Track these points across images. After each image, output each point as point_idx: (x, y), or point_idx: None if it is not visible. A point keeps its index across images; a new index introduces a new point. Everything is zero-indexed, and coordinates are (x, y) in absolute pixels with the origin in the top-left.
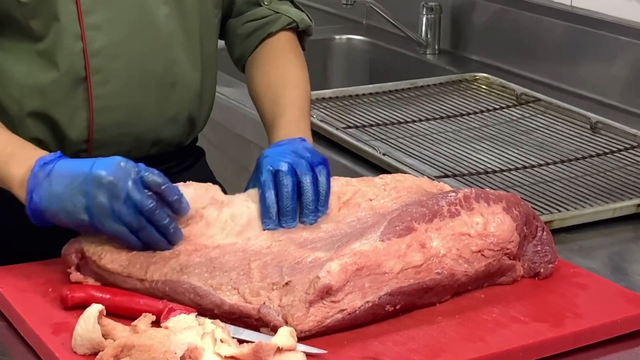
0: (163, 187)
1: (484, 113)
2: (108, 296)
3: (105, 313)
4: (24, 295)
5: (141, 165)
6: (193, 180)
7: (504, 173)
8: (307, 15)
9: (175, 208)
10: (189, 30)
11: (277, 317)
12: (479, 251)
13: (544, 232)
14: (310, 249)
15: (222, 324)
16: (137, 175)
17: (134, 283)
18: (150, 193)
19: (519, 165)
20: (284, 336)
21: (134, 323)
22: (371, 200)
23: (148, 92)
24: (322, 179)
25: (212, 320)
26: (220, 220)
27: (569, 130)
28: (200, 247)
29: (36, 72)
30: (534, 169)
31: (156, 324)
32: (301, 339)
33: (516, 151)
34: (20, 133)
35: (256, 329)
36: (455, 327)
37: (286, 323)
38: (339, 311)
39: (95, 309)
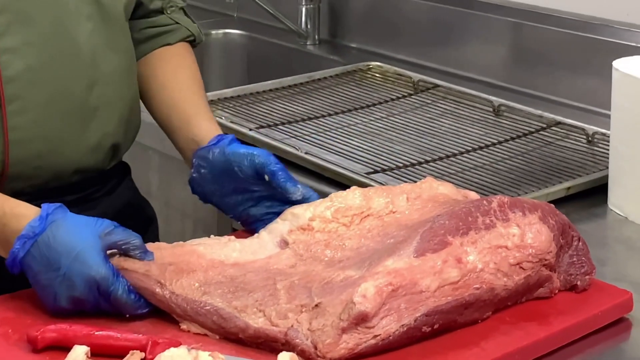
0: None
1: (388, 103)
2: (83, 332)
3: (90, 354)
4: None
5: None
6: (117, 203)
7: (430, 164)
8: (199, 28)
9: None
10: (114, 46)
11: (305, 342)
12: (518, 264)
13: (580, 242)
14: (339, 268)
15: (222, 356)
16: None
17: (152, 285)
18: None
19: (442, 155)
20: None
21: None
22: (394, 212)
23: (69, 118)
24: None
25: (210, 352)
26: (229, 246)
27: (474, 114)
28: (216, 263)
29: None
30: (456, 157)
31: None
32: None
33: (432, 140)
34: None
35: None
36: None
37: (315, 349)
38: (373, 337)
39: (80, 350)
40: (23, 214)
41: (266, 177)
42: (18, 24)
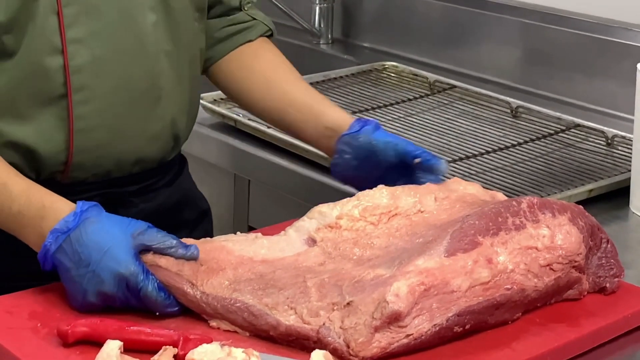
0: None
1: (405, 103)
2: (114, 327)
3: (122, 349)
4: (12, 333)
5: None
6: (175, 195)
7: (450, 164)
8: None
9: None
10: (176, 39)
11: (337, 340)
12: (548, 265)
13: (609, 244)
14: (369, 267)
15: (256, 353)
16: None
17: (183, 285)
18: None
19: (462, 155)
20: None
21: (154, 358)
22: (422, 212)
23: (132, 108)
24: None
25: (244, 349)
26: (256, 243)
27: (492, 115)
28: (245, 259)
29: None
30: (477, 158)
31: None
32: None
33: (451, 140)
34: None
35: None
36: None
37: (347, 347)
38: (405, 336)
39: (114, 345)
40: (61, 208)
41: (415, 161)
42: (85, 15)
